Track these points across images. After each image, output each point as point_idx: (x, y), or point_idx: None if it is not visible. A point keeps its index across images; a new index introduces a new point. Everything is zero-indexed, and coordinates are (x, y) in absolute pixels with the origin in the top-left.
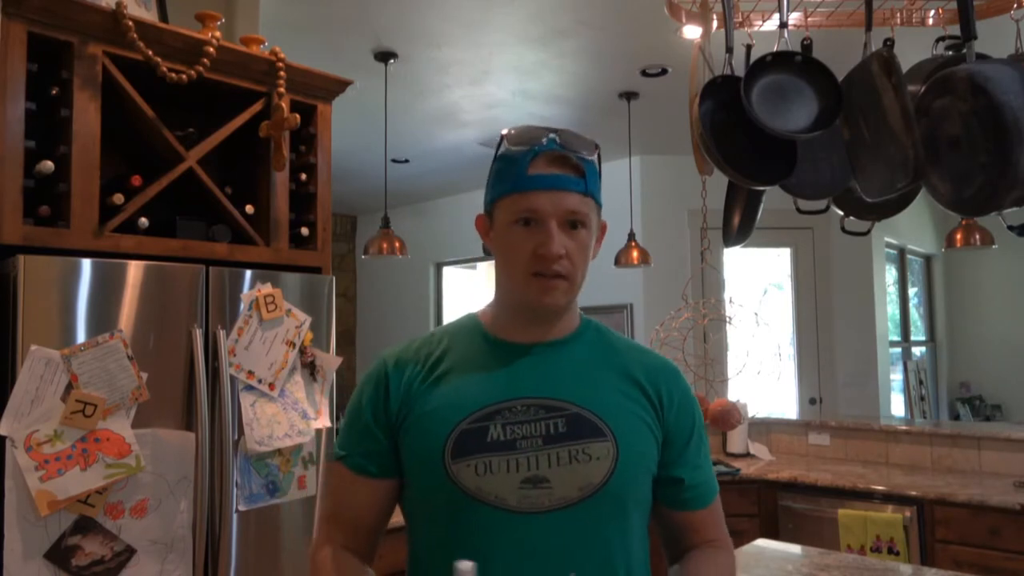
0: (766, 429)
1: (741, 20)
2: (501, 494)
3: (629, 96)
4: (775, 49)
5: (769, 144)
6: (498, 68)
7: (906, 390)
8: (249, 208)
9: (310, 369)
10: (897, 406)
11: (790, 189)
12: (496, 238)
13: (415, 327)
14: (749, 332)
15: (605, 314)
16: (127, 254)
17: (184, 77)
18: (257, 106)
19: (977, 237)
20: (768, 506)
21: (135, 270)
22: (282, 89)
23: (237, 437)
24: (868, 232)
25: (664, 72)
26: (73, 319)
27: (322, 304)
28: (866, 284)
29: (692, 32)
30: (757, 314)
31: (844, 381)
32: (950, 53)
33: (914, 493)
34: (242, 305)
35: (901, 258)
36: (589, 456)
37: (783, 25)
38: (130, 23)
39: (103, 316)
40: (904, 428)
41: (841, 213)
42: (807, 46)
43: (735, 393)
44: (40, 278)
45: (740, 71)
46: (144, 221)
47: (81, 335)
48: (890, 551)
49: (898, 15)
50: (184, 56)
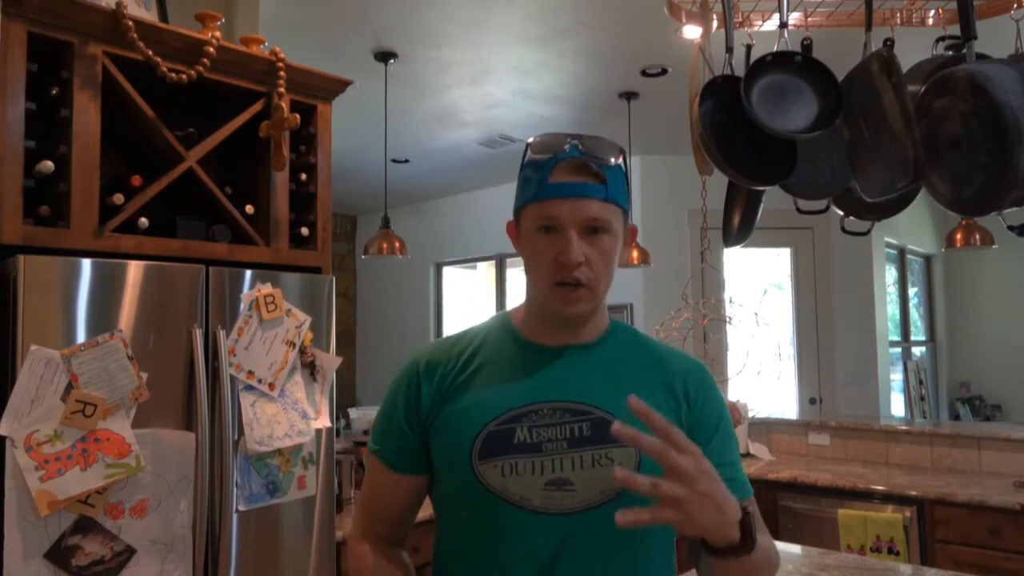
0: (766, 429)
1: (741, 20)
2: (526, 495)
3: (629, 96)
4: (775, 49)
5: (769, 144)
6: (498, 68)
7: (906, 390)
8: (249, 208)
9: (310, 369)
10: (897, 406)
11: (790, 189)
12: (522, 245)
13: (415, 327)
14: (749, 332)
15: None
16: (127, 254)
17: (184, 77)
18: (257, 106)
19: (977, 237)
20: (768, 506)
21: (135, 270)
22: (282, 89)
23: (237, 437)
24: (868, 232)
25: (664, 72)
26: (73, 319)
27: (322, 304)
28: (866, 284)
29: (692, 32)
30: (757, 314)
31: (844, 381)
32: (950, 53)
33: (914, 493)
34: (242, 305)
35: (901, 258)
36: (612, 460)
37: (783, 25)
38: (130, 23)
39: (103, 316)
40: (904, 428)
41: (841, 213)
42: (807, 46)
43: (735, 393)
44: (40, 278)
45: (740, 71)
46: (144, 221)
47: (81, 335)
48: (890, 551)
49: (898, 15)
50: (184, 56)
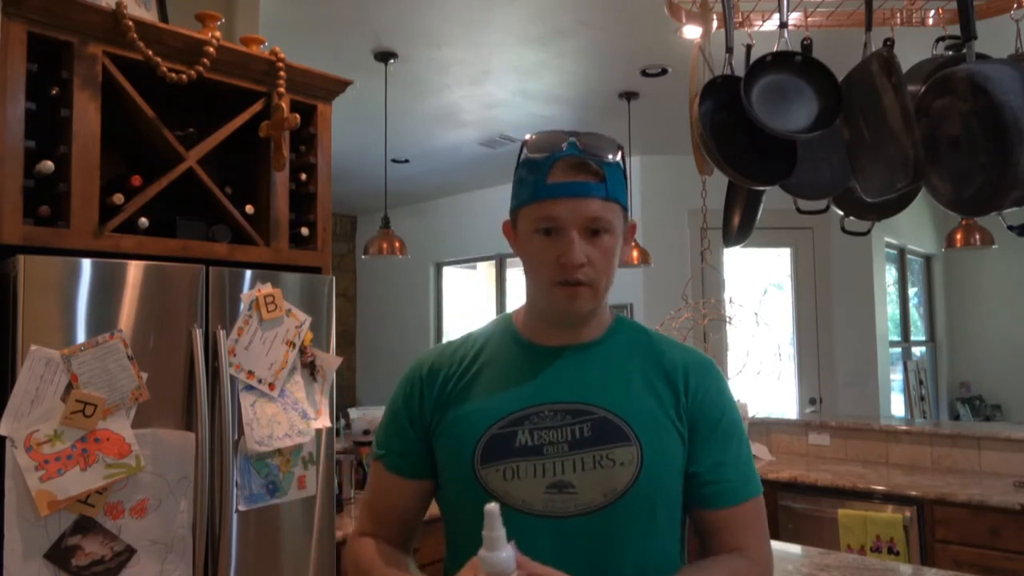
0: (766, 429)
1: (741, 20)
2: (528, 498)
3: (629, 96)
4: (775, 49)
5: (769, 144)
6: (498, 68)
7: (906, 390)
8: (249, 208)
9: (310, 369)
10: (897, 406)
11: (790, 189)
12: (520, 246)
13: (415, 327)
14: (749, 332)
15: None
16: (127, 254)
17: (184, 77)
18: (257, 106)
19: (977, 237)
20: (768, 506)
21: (135, 270)
22: (282, 89)
23: (237, 437)
24: (868, 232)
25: (664, 72)
26: (73, 319)
27: (322, 304)
28: (866, 284)
29: (692, 32)
30: (757, 314)
31: (844, 381)
32: (950, 53)
33: (914, 493)
34: (242, 305)
35: (901, 258)
36: (613, 461)
37: (783, 25)
38: (130, 23)
39: (103, 316)
40: (904, 428)
41: (841, 213)
42: (807, 46)
43: (735, 393)
44: (40, 278)
45: (740, 71)
46: (144, 221)
47: (81, 335)
48: (890, 551)
49: (898, 15)
50: (184, 56)
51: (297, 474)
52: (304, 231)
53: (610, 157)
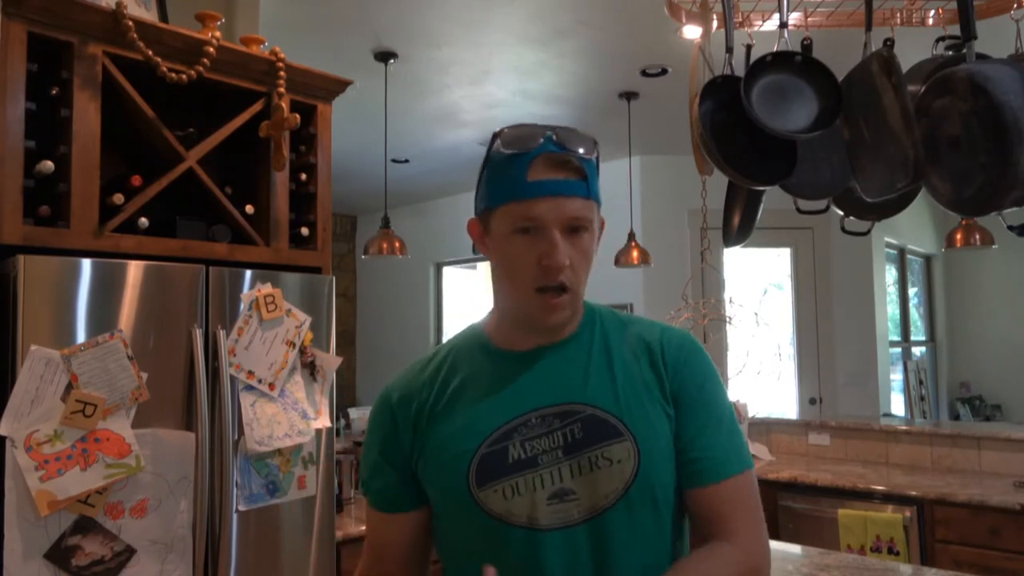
0: (766, 429)
1: (741, 20)
2: (531, 514)
3: (629, 96)
4: (775, 49)
5: (769, 144)
6: (498, 68)
7: (906, 390)
8: (249, 208)
9: (310, 369)
10: (897, 406)
11: (790, 189)
12: (494, 247)
13: (415, 327)
14: (749, 332)
15: None
16: (127, 254)
17: (184, 77)
18: (257, 106)
19: (977, 237)
20: (768, 506)
21: (135, 270)
22: (282, 89)
23: (237, 437)
24: (868, 232)
25: (664, 72)
26: (73, 319)
27: (322, 304)
28: (866, 284)
29: (692, 32)
30: (757, 314)
31: (844, 381)
32: (950, 53)
33: (914, 493)
34: (242, 305)
35: (901, 258)
36: (610, 460)
37: (783, 25)
38: (130, 23)
39: (103, 316)
40: (904, 428)
41: (841, 213)
42: (807, 46)
43: (735, 393)
44: (40, 278)
45: (740, 71)
46: (144, 221)
47: (81, 335)
48: (890, 551)
49: (898, 15)
50: (184, 56)
51: (297, 474)
52: (304, 231)
53: (589, 154)
